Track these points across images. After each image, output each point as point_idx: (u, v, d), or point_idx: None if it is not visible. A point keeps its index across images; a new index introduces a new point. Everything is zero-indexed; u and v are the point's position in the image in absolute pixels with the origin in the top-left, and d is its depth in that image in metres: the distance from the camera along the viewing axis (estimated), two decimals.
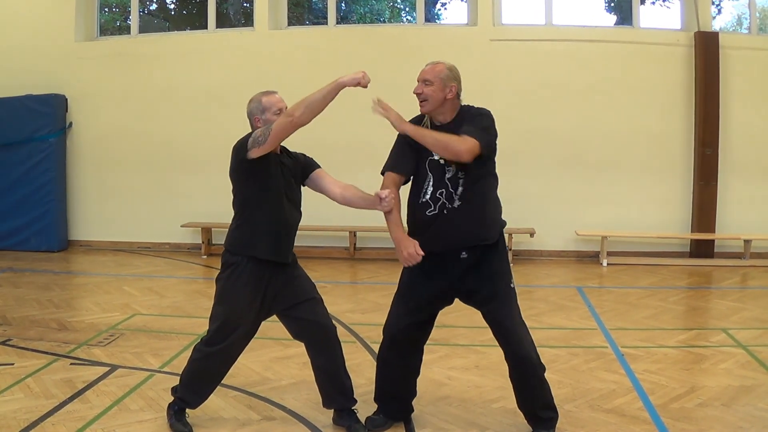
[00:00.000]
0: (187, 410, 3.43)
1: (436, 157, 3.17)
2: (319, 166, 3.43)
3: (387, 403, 3.49)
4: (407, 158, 3.26)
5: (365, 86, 2.99)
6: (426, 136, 3.13)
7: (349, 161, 7.33)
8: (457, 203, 3.15)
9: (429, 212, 3.17)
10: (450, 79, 3.18)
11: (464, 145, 3.03)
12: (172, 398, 3.45)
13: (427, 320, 3.36)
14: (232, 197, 3.32)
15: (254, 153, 3.10)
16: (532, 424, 3.33)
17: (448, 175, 3.16)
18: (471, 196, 3.15)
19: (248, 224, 3.23)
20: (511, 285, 3.25)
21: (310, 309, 3.32)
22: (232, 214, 3.33)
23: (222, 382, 3.49)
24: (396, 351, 3.36)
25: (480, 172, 3.16)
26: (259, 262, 3.21)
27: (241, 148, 3.15)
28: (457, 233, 3.16)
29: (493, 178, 3.27)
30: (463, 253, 3.18)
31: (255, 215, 3.21)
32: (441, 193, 3.16)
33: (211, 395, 3.47)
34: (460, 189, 3.15)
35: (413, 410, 3.56)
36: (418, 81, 3.22)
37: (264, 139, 3.06)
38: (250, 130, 3.24)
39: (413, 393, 3.54)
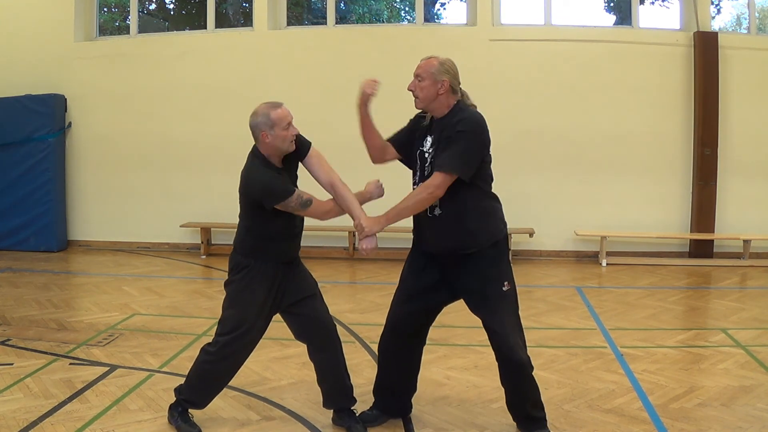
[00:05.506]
0: (190, 410, 3.42)
1: (424, 148, 3.17)
2: (308, 148, 3.25)
3: (383, 397, 3.48)
4: (404, 137, 3.32)
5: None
6: (400, 211, 3.08)
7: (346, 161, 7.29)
8: (437, 211, 3.12)
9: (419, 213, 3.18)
10: (441, 73, 3.10)
11: (431, 190, 3.00)
12: (174, 399, 3.44)
13: (425, 310, 3.32)
14: (239, 199, 3.24)
15: (280, 207, 3.07)
16: (524, 426, 3.32)
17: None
18: (450, 205, 3.09)
19: (259, 231, 3.19)
20: (504, 289, 3.15)
21: (312, 306, 3.33)
22: (232, 213, 3.31)
23: None
24: (395, 339, 3.37)
25: (457, 185, 3.06)
26: (272, 263, 3.22)
27: (266, 197, 3.05)
28: (439, 241, 3.17)
29: (479, 188, 3.14)
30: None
31: (267, 225, 3.16)
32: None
33: None
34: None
35: (411, 408, 3.56)
36: (414, 76, 3.19)
37: (295, 208, 3.08)
38: (254, 142, 3.16)
39: (411, 389, 3.52)
